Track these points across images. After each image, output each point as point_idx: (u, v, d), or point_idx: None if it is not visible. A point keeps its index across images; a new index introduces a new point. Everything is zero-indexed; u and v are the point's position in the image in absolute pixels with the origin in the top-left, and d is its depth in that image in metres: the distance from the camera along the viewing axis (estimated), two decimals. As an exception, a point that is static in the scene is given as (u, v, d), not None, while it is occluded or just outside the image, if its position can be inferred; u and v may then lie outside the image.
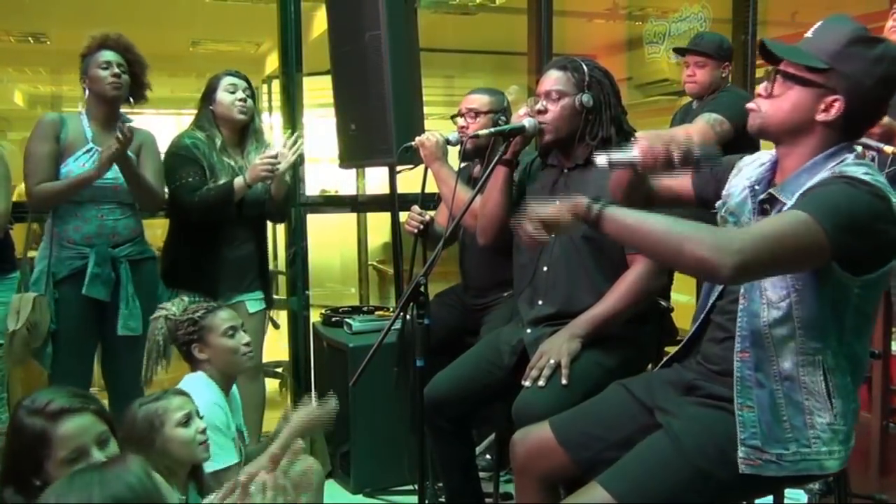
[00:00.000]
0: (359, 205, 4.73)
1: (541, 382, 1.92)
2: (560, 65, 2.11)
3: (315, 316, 3.32)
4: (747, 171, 1.62)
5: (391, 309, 3.21)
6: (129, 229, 2.57)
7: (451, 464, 2.32)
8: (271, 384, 3.22)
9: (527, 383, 1.94)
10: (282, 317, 3.35)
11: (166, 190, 2.65)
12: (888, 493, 2.54)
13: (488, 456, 2.89)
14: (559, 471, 1.71)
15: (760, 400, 1.46)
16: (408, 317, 1.89)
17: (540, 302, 2.14)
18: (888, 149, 2.52)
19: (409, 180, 2.77)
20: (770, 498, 1.82)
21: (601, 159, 1.62)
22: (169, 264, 2.72)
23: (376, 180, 4.52)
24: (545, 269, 2.14)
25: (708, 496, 1.48)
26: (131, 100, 2.62)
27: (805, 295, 1.41)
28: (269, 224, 2.96)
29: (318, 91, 3.60)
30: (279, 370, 4.08)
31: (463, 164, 2.72)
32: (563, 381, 1.91)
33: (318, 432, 2.14)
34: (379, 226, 5.80)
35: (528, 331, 2.12)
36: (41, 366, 2.51)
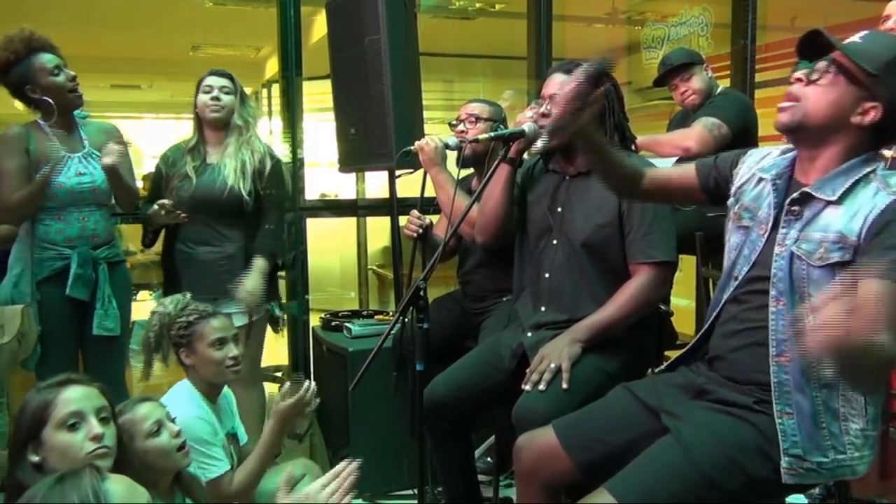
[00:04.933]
0: (358, 209, 4.73)
1: (541, 386, 1.91)
2: (565, 68, 2.10)
3: (314, 320, 3.32)
4: (757, 164, 1.63)
5: (391, 313, 3.21)
6: (107, 232, 2.57)
7: (451, 467, 2.31)
8: (271, 388, 3.22)
9: (527, 387, 1.93)
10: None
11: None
12: (888, 497, 2.54)
13: (488, 458, 2.88)
14: (563, 476, 1.70)
15: (801, 407, 1.46)
16: (407, 321, 1.88)
17: (543, 308, 2.14)
18: (887, 153, 2.52)
19: (409, 184, 2.77)
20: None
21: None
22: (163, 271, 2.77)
23: (376, 184, 4.53)
24: (547, 275, 2.14)
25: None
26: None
27: None
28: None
29: (317, 95, 3.61)
30: (278, 374, 4.07)
31: (464, 175, 2.72)
32: (564, 385, 1.91)
33: (302, 416, 2.13)
34: (379, 230, 5.81)
35: (529, 334, 2.12)
36: (26, 370, 2.49)
